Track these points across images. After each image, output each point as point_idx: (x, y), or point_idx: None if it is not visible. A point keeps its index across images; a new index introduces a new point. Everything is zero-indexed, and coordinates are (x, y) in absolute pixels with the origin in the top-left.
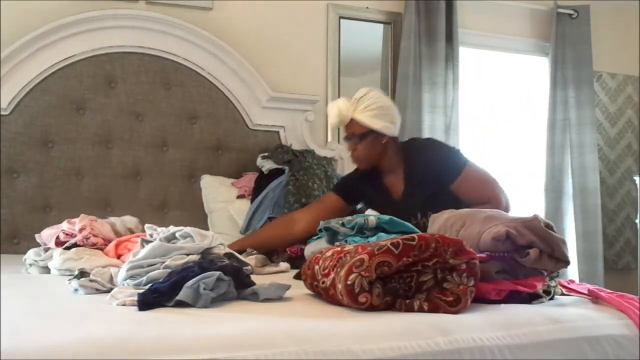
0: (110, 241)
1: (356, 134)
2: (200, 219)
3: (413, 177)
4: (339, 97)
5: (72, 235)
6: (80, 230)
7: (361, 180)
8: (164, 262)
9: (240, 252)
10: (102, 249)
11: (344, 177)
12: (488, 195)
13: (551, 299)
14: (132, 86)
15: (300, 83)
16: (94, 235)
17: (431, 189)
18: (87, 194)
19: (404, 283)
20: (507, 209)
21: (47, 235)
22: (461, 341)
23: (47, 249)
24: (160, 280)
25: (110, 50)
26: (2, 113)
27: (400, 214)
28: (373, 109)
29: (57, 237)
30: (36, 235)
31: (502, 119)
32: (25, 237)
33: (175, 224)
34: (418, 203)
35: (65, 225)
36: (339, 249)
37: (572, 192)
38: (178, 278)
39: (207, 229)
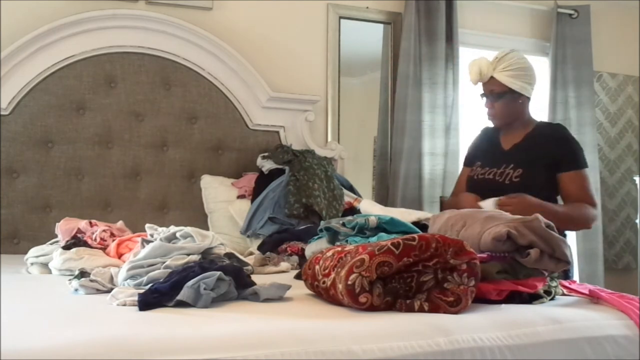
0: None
1: (495, 92)
2: (200, 219)
3: (534, 139)
4: (339, 97)
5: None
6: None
7: (480, 138)
8: (164, 262)
9: None
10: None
11: (469, 148)
12: (588, 200)
13: (552, 299)
14: (132, 86)
15: (300, 83)
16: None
17: (542, 159)
18: (87, 194)
19: (405, 283)
20: (595, 219)
21: (66, 229)
22: (461, 341)
23: (55, 242)
24: (161, 280)
25: (110, 50)
26: (2, 113)
27: (496, 160)
28: (513, 69)
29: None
30: (57, 224)
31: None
32: (25, 237)
33: (175, 224)
34: (521, 157)
35: (84, 224)
36: (339, 249)
37: None
38: (178, 278)
39: (207, 229)
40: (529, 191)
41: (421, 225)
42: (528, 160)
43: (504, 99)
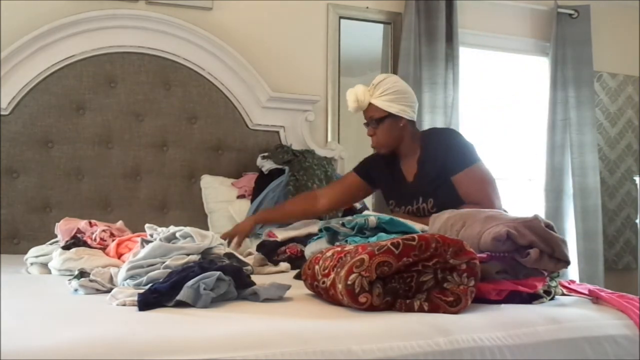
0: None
1: (374, 117)
2: (200, 219)
3: (426, 160)
4: (339, 97)
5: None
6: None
7: (380, 162)
8: (164, 262)
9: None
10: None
11: (365, 158)
12: (482, 198)
13: (552, 299)
14: (132, 86)
15: (300, 83)
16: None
17: (436, 174)
18: (87, 194)
19: (404, 283)
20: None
21: (65, 229)
22: (461, 341)
23: (54, 242)
24: (161, 280)
25: (110, 50)
26: (2, 113)
27: (406, 196)
28: (389, 93)
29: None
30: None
31: (502, 119)
32: (25, 237)
33: (175, 224)
34: (425, 186)
35: (83, 224)
36: (339, 249)
37: (572, 192)
38: (178, 278)
39: (207, 229)
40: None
41: None
42: (432, 187)
43: (384, 123)
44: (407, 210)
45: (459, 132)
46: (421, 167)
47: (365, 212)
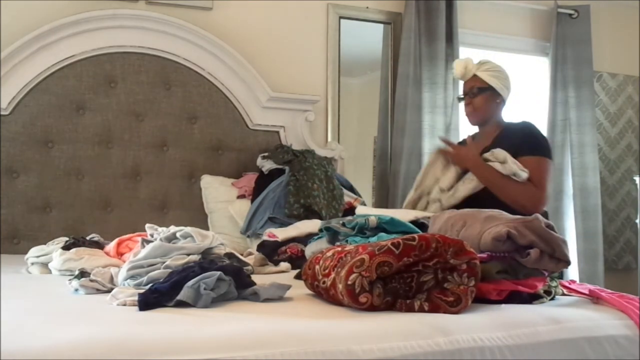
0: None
1: (476, 87)
2: (200, 219)
3: (502, 139)
4: (339, 97)
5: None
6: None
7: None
8: (164, 262)
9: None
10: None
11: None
12: (539, 186)
13: (552, 299)
14: (132, 86)
15: (300, 83)
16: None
17: (506, 149)
18: (87, 194)
19: (405, 283)
20: (542, 205)
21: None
22: (461, 341)
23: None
24: (161, 280)
25: (110, 50)
26: (2, 113)
27: None
28: (494, 70)
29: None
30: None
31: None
32: (25, 237)
33: (175, 224)
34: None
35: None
36: (339, 249)
37: (572, 192)
38: (178, 278)
39: (207, 229)
40: None
41: (419, 224)
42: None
43: (484, 94)
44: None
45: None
46: (495, 143)
47: (361, 208)
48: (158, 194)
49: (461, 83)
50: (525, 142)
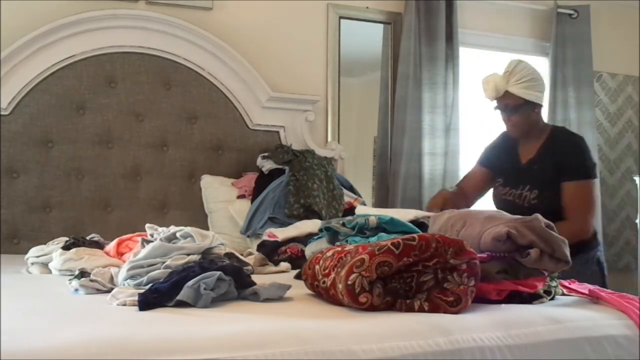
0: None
1: (510, 105)
2: (200, 219)
3: (548, 151)
4: (339, 97)
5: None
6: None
7: (499, 144)
8: (164, 262)
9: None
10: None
11: (487, 146)
12: (578, 217)
13: (552, 299)
14: (132, 86)
15: (300, 83)
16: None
17: (552, 168)
18: (87, 194)
19: (405, 283)
20: (585, 233)
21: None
22: (461, 341)
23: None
24: (161, 280)
25: (110, 50)
26: (2, 113)
27: (515, 179)
28: (525, 80)
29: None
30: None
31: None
32: (25, 237)
33: (175, 224)
34: (536, 175)
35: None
36: (339, 249)
37: None
38: (178, 278)
39: (207, 229)
40: (548, 211)
41: (419, 223)
42: (542, 179)
43: (521, 111)
44: (511, 194)
45: (587, 144)
46: (540, 155)
47: (360, 207)
48: (158, 194)
49: (462, 84)
50: (567, 163)
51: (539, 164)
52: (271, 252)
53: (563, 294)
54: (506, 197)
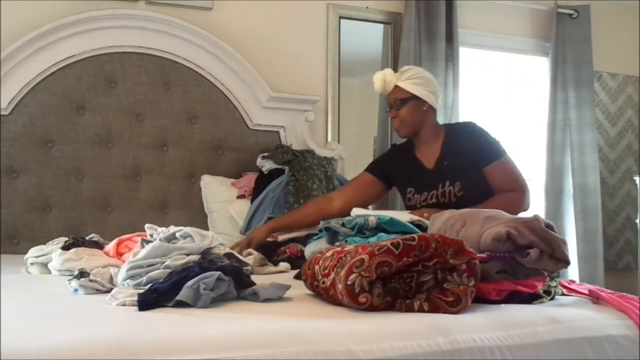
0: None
1: (399, 98)
2: (200, 219)
3: (451, 147)
4: (339, 97)
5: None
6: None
7: (393, 156)
8: (164, 262)
9: (277, 230)
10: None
11: (377, 157)
12: (516, 187)
13: (552, 299)
14: (132, 86)
15: (300, 83)
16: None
17: (466, 162)
18: (87, 194)
19: (404, 283)
20: (527, 204)
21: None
22: (461, 341)
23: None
24: (160, 280)
25: (110, 50)
26: (2, 113)
27: (428, 182)
28: (415, 78)
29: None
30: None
31: (502, 119)
32: (25, 237)
33: (175, 224)
34: (450, 171)
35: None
36: (339, 249)
37: (572, 192)
38: (178, 278)
39: (207, 229)
40: (477, 198)
41: (417, 224)
42: (458, 171)
43: (408, 105)
44: (432, 195)
45: (482, 127)
46: (445, 154)
47: (355, 210)
48: (158, 194)
49: (462, 85)
50: (477, 151)
51: (448, 160)
52: (271, 252)
53: (563, 294)
54: (427, 200)
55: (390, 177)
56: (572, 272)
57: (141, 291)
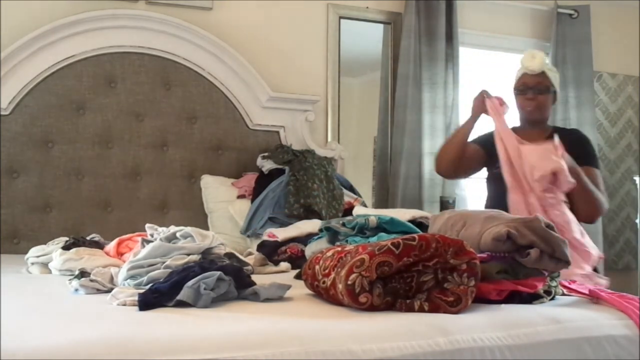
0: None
1: (543, 84)
2: (200, 219)
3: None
4: (339, 97)
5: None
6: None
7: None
8: (164, 262)
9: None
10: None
11: (483, 135)
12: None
13: (552, 299)
14: (132, 86)
15: (300, 83)
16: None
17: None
18: (87, 194)
19: (405, 283)
20: (599, 215)
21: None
22: (461, 341)
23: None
24: (161, 280)
25: (110, 50)
26: (2, 113)
27: None
28: (555, 72)
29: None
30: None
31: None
32: (25, 237)
33: (175, 224)
34: None
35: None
36: (339, 248)
37: None
38: (178, 278)
39: (207, 229)
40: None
41: (417, 223)
42: None
43: (550, 95)
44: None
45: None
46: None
47: (359, 209)
48: (158, 194)
49: (462, 84)
50: (583, 152)
51: None
52: (271, 252)
53: (563, 294)
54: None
55: (492, 149)
56: None
57: (142, 291)
